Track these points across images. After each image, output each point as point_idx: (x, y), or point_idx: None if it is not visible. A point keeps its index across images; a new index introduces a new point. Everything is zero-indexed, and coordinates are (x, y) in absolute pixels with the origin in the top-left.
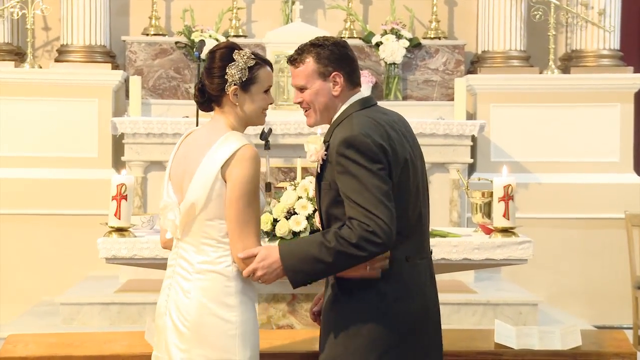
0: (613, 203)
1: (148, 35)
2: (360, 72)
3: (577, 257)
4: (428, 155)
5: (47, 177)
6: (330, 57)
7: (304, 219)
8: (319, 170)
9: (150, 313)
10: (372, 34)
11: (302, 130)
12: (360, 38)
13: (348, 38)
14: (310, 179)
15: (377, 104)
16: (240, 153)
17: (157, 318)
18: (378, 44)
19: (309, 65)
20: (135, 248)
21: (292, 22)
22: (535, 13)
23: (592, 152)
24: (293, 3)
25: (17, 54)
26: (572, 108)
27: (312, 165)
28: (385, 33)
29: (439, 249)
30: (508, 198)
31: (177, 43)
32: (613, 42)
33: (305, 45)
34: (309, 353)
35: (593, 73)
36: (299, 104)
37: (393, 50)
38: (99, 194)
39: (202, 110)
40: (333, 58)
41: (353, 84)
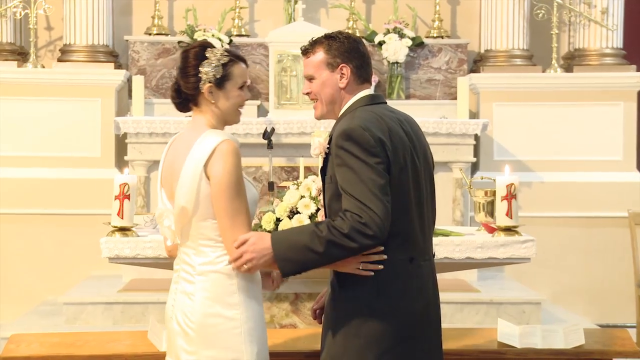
0: (616, 201)
1: (151, 35)
2: None
3: (580, 255)
4: None
5: (50, 176)
6: (340, 49)
7: (307, 218)
8: (323, 164)
9: (154, 312)
10: (374, 33)
11: (304, 130)
12: (363, 37)
13: None
14: (314, 178)
15: (386, 103)
16: (220, 148)
17: (166, 323)
18: (381, 43)
19: (319, 56)
20: (138, 247)
21: (294, 21)
22: (538, 12)
23: (595, 150)
24: (296, 2)
25: (19, 54)
26: (575, 107)
27: (315, 164)
28: (388, 32)
29: (442, 248)
30: (511, 197)
31: (179, 42)
32: (616, 40)
33: (319, 37)
34: (312, 352)
35: (596, 72)
36: (307, 95)
37: (396, 49)
38: (102, 194)
39: (179, 111)
40: (343, 50)
41: (361, 79)
